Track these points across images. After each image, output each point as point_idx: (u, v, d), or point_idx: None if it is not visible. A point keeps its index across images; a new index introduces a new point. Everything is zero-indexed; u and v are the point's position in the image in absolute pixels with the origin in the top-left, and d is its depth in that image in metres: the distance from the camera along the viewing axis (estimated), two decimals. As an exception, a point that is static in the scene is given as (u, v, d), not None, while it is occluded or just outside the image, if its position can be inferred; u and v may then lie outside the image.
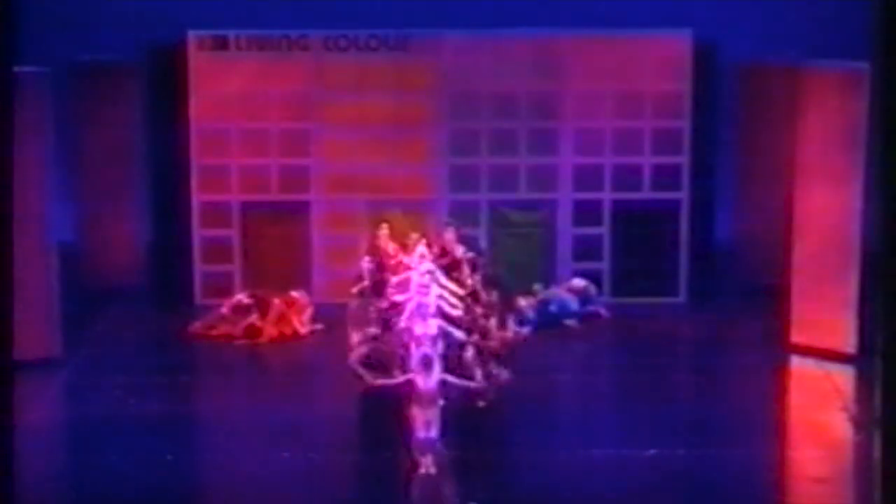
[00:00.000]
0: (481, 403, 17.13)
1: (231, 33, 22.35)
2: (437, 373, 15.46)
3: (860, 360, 19.06)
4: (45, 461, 16.17)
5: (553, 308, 21.56)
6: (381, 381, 16.80)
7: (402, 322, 17.26)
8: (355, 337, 18.33)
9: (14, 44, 13.28)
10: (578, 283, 22.13)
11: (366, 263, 19.28)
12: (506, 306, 19.10)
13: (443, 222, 20.36)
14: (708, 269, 23.28)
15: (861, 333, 19.23)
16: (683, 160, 22.65)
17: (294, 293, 21.40)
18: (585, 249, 22.63)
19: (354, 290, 19.17)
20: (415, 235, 19.41)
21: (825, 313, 19.59)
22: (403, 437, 15.33)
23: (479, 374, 17.13)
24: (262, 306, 21.09)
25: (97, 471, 15.99)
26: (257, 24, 22.47)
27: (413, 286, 17.86)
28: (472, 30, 22.45)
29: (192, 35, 22.34)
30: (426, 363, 15.41)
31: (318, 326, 21.10)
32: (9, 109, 13.38)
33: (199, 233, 22.67)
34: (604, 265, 22.69)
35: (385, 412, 16.94)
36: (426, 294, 17.46)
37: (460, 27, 22.46)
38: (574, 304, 21.77)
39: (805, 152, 19.74)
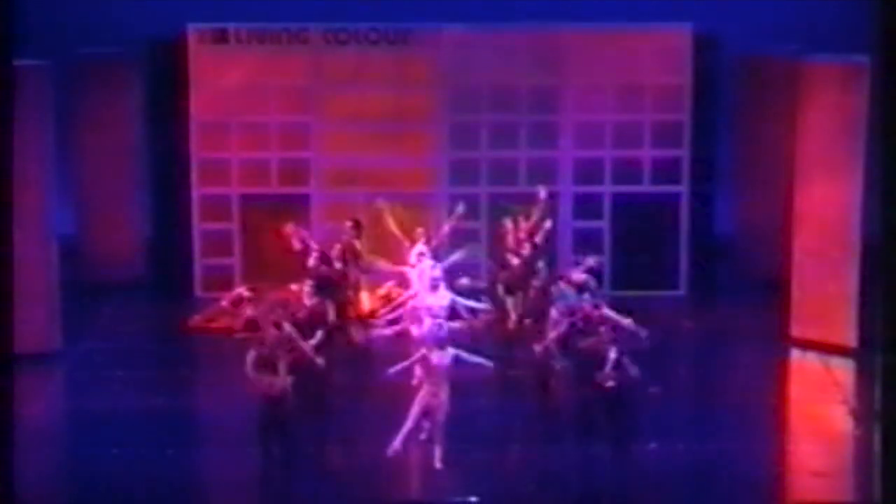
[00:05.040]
0: (610, 383, 16.08)
1: (231, 27, 22.35)
2: (450, 350, 15.82)
3: (860, 353, 19.08)
4: (44, 454, 16.18)
5: (553, 301, 21.53)
6: (396, 367, 16.48)
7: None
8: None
9: (15, 37, 13.30)
10: (578, 276, 22.10)
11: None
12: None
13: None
14: (708, 262, 23.29)
15: (861, 327, 19.24)
16: (684, 153, 22.66)
17: (294, 286, 21.37)
18: (585, 243, 22.63)
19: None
20: (420, 230, 19.59)
21: (825, 307, 19.60)
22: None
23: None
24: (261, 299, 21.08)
25: (96, 463, 16.00)
26: (257, 18, 22.48)
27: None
28: (472, 23, 22.45)
29: (191, 28, 22.34)
30: (440, 342, 15.82)
31: (318, 320, 21.07)
32: (9, 103, 13.40)
33: (199, 226, 22.67)
34: (604, 258, 22.69)
35: (383, 405, 17.03)
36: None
37: (460, 21, 22.46)
38: (574, 297, 21.72)
39: (805, 146, 19.74)
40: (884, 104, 12.83)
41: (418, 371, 16.42)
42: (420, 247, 19.23)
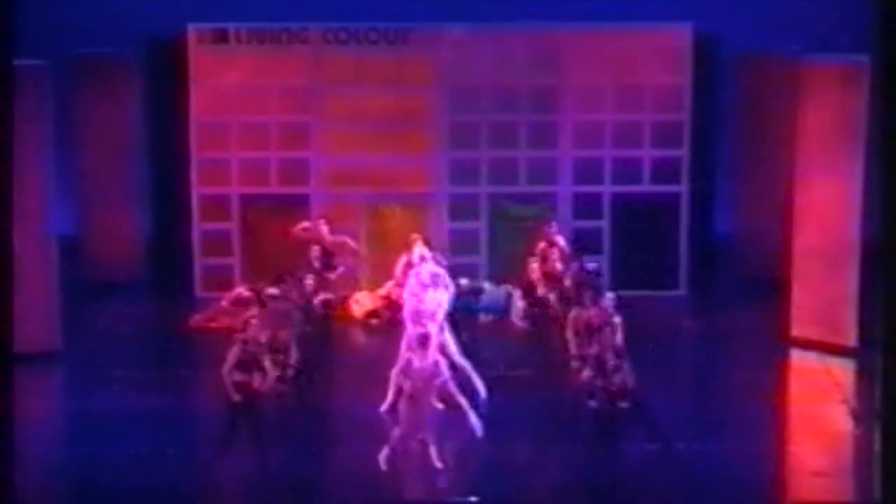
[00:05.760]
0: (593, 404, 16.58)
1: (231, 26, 22.35)
2: (432, 351, 15.96)
3: (860, 353, 19.08)
4: (44, 454, 16.18)
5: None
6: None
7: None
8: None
9: (14, 37, 13.29)
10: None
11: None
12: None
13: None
14: (708, 262, 23.31)
15: (861, 327, 19.24)
16: (683, 153, 22.65)
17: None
18: (585, 243, 22.62)
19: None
20: (415, 236, 19.56)
21: (825, 306, 19.59)
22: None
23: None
24: (261, 299, 21.05)
25: (97, 464, 15.99)
26: (257, 18, 22.49)
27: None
28: (472, 23, 22.45)
29: (191, 28, 22.34)
30: (422, 341, 15.92)
31: (318, 319, 21.07)
32: (9, 102, 13.40)
33: (198, 226, 22.67)
34: (604, 258, 22.69)
35: (381, 404, 17.04)
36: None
37: (460, 21, 22.47)
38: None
39: (805, 145, 19.74)
40: (884, 104, 12.82)
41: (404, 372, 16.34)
42: (421, 248, 19.12)
